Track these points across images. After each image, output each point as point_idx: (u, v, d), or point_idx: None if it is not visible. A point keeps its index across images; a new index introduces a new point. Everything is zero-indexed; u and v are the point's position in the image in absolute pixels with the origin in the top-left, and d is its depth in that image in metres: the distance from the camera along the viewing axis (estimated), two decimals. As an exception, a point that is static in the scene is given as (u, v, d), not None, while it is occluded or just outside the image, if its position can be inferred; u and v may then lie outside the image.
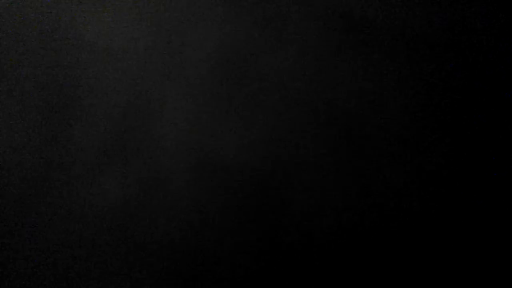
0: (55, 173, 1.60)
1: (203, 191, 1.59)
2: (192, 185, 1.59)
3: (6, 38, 1.65)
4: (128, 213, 1.59)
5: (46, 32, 1.66)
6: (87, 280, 1.57)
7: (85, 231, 1.58)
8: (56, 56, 1.65)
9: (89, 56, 1.65)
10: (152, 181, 1.60)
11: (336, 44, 1.62)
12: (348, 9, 1.64)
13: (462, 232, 1.53)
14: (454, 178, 1.55)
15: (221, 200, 1.58)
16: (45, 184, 1.60)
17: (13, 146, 1.61)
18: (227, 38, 1.65)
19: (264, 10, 1.66)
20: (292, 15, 1.65)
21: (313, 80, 1.62)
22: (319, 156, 1.59)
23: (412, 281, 1.53)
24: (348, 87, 1.61)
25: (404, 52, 1.61)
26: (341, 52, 1.62)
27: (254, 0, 1.66)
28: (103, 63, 1.64)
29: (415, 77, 1.60)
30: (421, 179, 1.56)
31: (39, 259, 1.58)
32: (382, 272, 1.53)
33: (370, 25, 1.62)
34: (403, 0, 1.64)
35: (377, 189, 1.56)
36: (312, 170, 1.58)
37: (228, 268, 1.56)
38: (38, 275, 1.57)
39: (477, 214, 1.54)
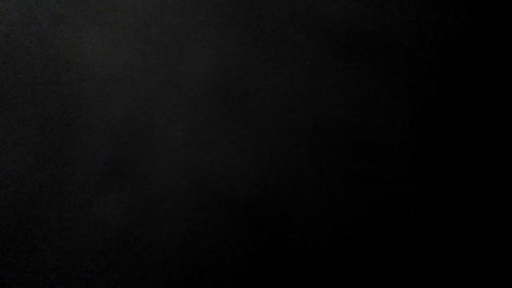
0: (50, 196, 1.60)
1: (201, 214, 1.59)
2: (190, 208, 1.59)
3: (5, 63, 1.66)
4: (125, 237, 1.58)
5: (45, 56, 1.67)
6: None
7: (83, 253, 1.58)
8: (54, 81, 1.66)
9: (86, 80, 1.65)
10: (150, 205, 1.60)
11: (334, 62, 1.63)
12: (344, 27, 1.64)
13: (464, 251, 1.52)
14: (455, 189, 1.55)
15: (220, 223, 1.58)
16: (41, 207, 1.60)
17: (11, 171, 1.61)
18: (225, 60, 1.66)
19: (261, 29, 1.66)
20: (289, 34, 1.66)
21: (311, 99, 1.62)
22: (318, 177, 1.58)
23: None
24: (347, 106, 1.61)
25: (401, 67, 1.61)
26: (339, 70, 1.62)
27: (251, 21, 1.67)
28: (101, 86, 1.65)
29: (413, 92, 1.60)
30: (424, 192, 1.55)
31: (36, 281, 1.57)
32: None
33: (367, 43, 1.63)
34: (400, 16, 1.64)
35: (379, 210, 1.55)
36: (312, 193, 1.58)
37: (229, 291, 1.56)
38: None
39: (478, 226, 1.53)
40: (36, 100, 1.65)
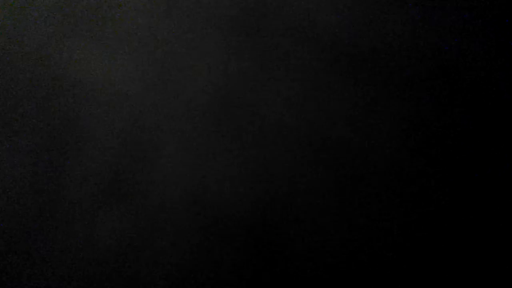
0: (49, 216, 1.59)
1: (200, 233, 1.58)
2: (190, 227, 1.58)
3: (4, 79, 1.65)
4: (124, 257, 1.57)
5: (42, 73, 1.66)
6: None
7: (81, 274, 1.56)
8: (52, 98, 1.65)
9: (85, 97, 1.64)
10: (149, 224, 1.58)
11: (333, 77, 1.63)
12: (344, 43, 1.65)
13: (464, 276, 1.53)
14: (455, 214, 1.55)
15: (219, 241, 1.57)
16: (39, 226, 1.58)
17: (7, 188, 1.60)
18: (225, 78, 1.65)
19: (260, 43, 1.66)
20: (289, 49, 1.66)
21: (311, 114, 1.62)
22: (316, 195, 1.58)
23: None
24: (346, 122, 1.61)
25: (400, 83, 1.62)
26: (338, 85, 1.63)
27: (250, 35, 1.67)
28: (100, 104, 1.64)
29: (412, 108, 1.61)
30: (421, 214, 1.55)
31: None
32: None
33: (367, 59, 1.63)
34: (399, 34, 1.65)
35: (378, 229, 1.55)
36: (310, 211, 1.57)
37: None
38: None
39: (477, 256, 1.53)
40: (35, 116, 1.64)
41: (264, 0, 1.71)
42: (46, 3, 1.70)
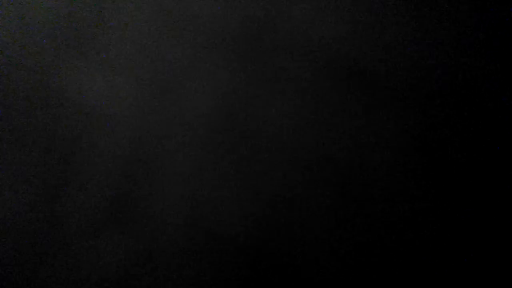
0: (49, 236, 1.60)
1: (202, 261, 1.58)
2: (191, 255, 1.58)
3: (3, 103, 1.66)
4: (124, 282, 1.57)
5: (42, 97, 1.67)
6: None
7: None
8: (51, 122, 1.66)
9: (85, 121, 1.65)
10: (149, 251, 1.59)
11: (335, 96, 1.63)
12: (346, 60, 1.65)
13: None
14: (457, 229, 1.54)
15: (220, 265, 1.57)
16: (39, 246, 1.59)
17: (7, 214, 1.61)
18: (225, 100, 1.66)
19: (261, 62, 1.67)
20: (290, 68, 1.66)
21: (312, 133, 1.62)
22: (319, 215, 1.57)
23: None
24: (348, 140, 1.61)
25: (403, 101, 1.61)
26: (340, 104, 1.63)
27: (250, 55, 1.67)
28: (100, 128, 1.65)
29: (414, 126, 1.60)
30: (421, 236, 1.54)
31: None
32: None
33: (369, 77, 1.63)
34: (402, 50, 1.65)
35: (378, 248, 1.54)
36: (312, 232, 1.57)
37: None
38: None
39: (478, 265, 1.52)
40: (35, 139, 1.65)
41: (262, 19, 1.71)
42: (45, 27, 1.71)
